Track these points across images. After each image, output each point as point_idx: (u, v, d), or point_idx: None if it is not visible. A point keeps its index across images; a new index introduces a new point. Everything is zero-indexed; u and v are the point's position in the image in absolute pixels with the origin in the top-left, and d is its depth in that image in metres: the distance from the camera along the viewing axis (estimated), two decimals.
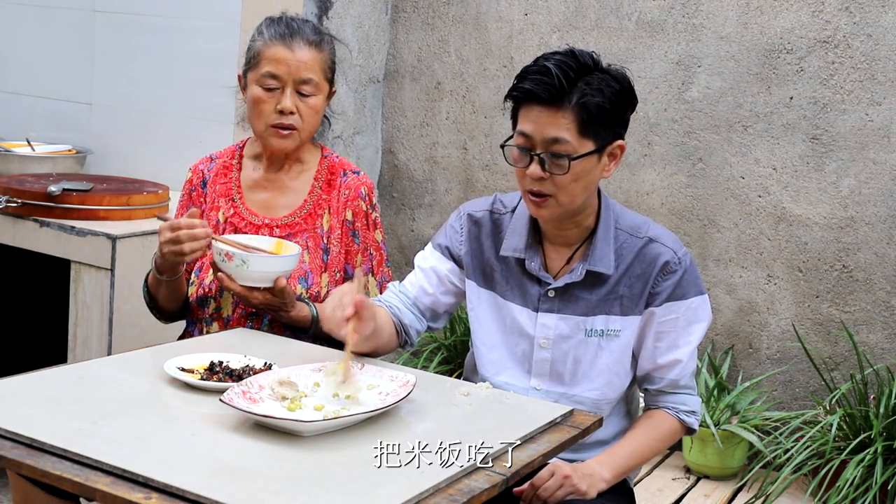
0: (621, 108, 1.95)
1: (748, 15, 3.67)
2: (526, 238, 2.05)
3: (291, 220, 2.37)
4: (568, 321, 2.03)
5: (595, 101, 1.89)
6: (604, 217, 2.03)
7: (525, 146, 1.93)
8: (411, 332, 2.13)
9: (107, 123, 4.20)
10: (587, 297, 2.02)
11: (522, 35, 4.04)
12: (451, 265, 2.14)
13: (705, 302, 2.04)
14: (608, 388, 2.04)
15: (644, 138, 3.86)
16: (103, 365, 1.96)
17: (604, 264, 1.99)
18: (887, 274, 3.55)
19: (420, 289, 2.15)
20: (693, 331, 2.03)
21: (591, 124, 1.90)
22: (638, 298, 2.01)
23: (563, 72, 1.88)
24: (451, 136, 4.23)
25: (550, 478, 1.84)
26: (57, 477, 1.43)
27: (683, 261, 2.01)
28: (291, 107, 2.30)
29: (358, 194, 2.38)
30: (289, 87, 2.30)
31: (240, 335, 2.15)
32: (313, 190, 2.40)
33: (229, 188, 2.42)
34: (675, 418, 2.05)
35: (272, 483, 1.43)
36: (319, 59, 2.33)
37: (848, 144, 3.57)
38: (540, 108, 1.90)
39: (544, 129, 1.90)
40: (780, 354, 3.73)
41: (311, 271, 2.34)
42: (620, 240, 2.02)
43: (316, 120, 2.36)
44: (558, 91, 1.88)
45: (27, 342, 3.68)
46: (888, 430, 3.21)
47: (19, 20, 4.35)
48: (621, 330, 2.02)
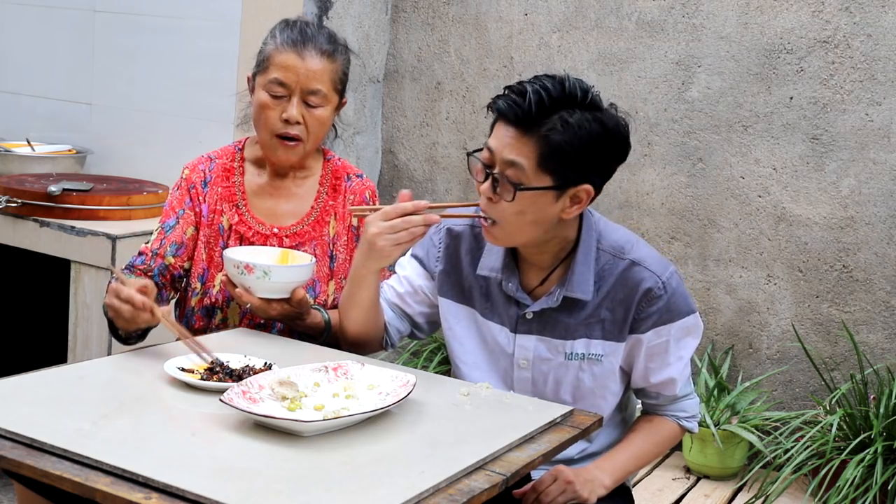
0: (594, 152, 1.82)
1: (748, 15, 3.67)
2: (503, 258, 1.98)
3: (300, 229, 2.32)
4: (547, 343, 1.96)
5: (560, 138, 1.78)
6: (584, 239, 1.93)
7: (486, 161, 1.86)
8: (391, 331, 2.11)
9: (107, 123, 4.20)
10: (566, 321, 1.94)
11: (522, 35, 4.04)
12: (425, 278, 2.10)
13: (696, 318, 1.96)
14: (593, 409, 1.95)
15: (644, 138, 3.86)
16: (103, 365, 1.96)
17: (582, 290, 1.91)
18: (887, 274, 3.55)
19: (395, 293, 2.13)
20: (683, 345, 1.96)
21: (550, 160, 1.80)
22: (621, 323, 1.93)
23: (539, 98, 1.78)
24: (451, 136, 4.23)
25: (553, 482, 1.84)
26: (57, 477, 1.42)
27: (668, 285, 1.91)
28: (297, 116, 2.22)
29: (363, 199, 2.35)
30: (296, 96, 2.22)
31: (240, 335, 2.14)
32: (319, 196, 2.35)
33: (232, 193, 2.33)
34: (674, 423, 2.04)
35: (272, 483, 1.43)
36: (331, 69, 2.26)
37: (848, 144, 3.57)
38: (507, 128, 1.82)
39: (505, 149, 1.82)
40: (780, 354, 3.73)
41: (319, 280, 2.30)
42: (602, 261, 1.93)
43: (322, 132, 2.29)
44: (526, 116, 1.79)
45: (27, 342, 3.68)
46: (888, 430, 3.21)
47: (19, 20, 4.35)
48: (604, 355, 1.95)
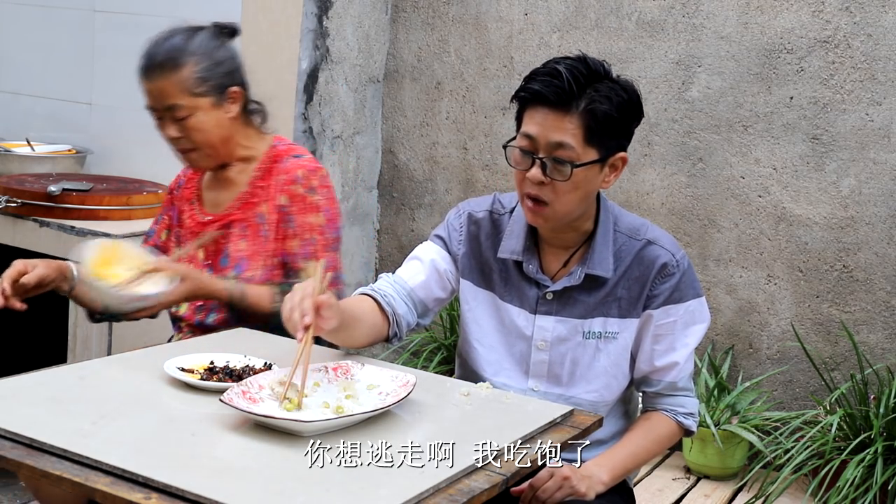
0: (628, 119, 1.92)
1: (748, 15, 3.67)
2: (524, 240, 2.03)
3: (226, 213, 2.39)
4: (566, 324, 2.02)
5: (603, 108, 1.86)
6: (603, 220, 2.00)
7: (528, 149, 1.90)
8: (402, 324, 2.06)
9: (107, 123, 4.20)
10: (585, 300, 2.00)
11: (522, 35, 4.04)
12: (449, 262, 2.11)
13: (703, 305, 2.03)
14: (606, 390, 2.03)
15: (644, 138, 3.86)
16: (103, 365, 1.96)
17: (602, 268, 1.98)
18: (887, 274, 3.55)
19: (418, 280, 2.09)
20: (690, 333, 2.02)
21: (597, 132, 1.87)
22: (636, 301, 2.00)
23: (573, 76, 1.84)
24: (451, 136, 4.22)
25: (549, 479, 1.84)
26: (57, 477, 1.43)
27: (681, 263, 1.99)
28: (174, 134, 2.31)
29: (293, 178, 2.34)
30: (165, 118, 2.30)
31: (240, 335, 2.15)
32: (252, 180, 2.39)
33: (192, 192, 2.48)
34: (672, 421, 2.05)
35: (272, 483, 1.43)
36: (176, 80, 2.27)
37: (848, 144, 3.57)
38: (546, 111, 1.87)
39: (549, 132, 1.86)
40: (780, 354, 3.73)
41: (248, 258, 2.34)
42: (619, 242, 2.00)
43: (209, 135, 2.32)
44: (567, 94, 1.84)
45: (27, 342, 3.68)
46: (888, 430, 3.21)
47: (19, 20, 4.35)
48: (619, 332, 2.01)
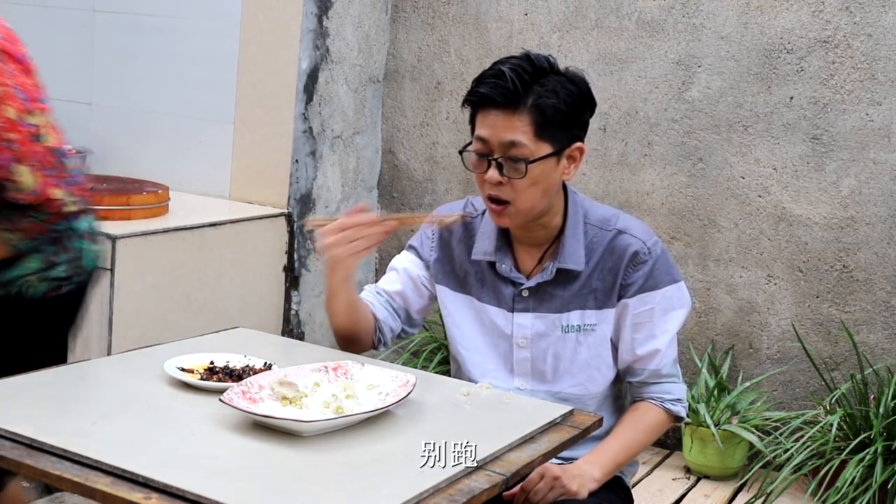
0: (578, 110, 1.94)
1: (748, 15, 3.67)
2: (495, 241, 2.06)
3: None
4: (543, 319, 2.04)
5: (550, 102, 1.89)
6: (571, 214, 2.03)
7: (482, 151, 1.93)
8: (385, 329, 2.14)
9: (107, 123, 4.20)
10: (560, 294, 2.02)
11: (522, 35, 4.04)
12: (422, 268, 2.17)
13: (681, 290, 2.04)
14: (590, 382, 2.05)
15: (644, 138, 3.86)
16: (103, 365, 1.97)
17: (573, 261, 2.00)
18: (887, 274, 3.55)
19: (395, 289, 2.18)
20: (669, 319, 2.03)
21: (547, 127, 1.90)
22: (610, 291, 2.01)
23: (517, 75, 1.88)
24: (451, 136, 4.23)
25: (540, 480, 1.85)
26: (57, 477, 1.43)
27: (654, 251, 2.01)
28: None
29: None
30: None
31: (240, 335, 2.15)
32: None
33: None
34: (660, 408, 2.05)
35: (272, 483, 1.43)
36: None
37: (848, 144, 3.57)
38: (496, 112, 1.90)
39: (500, 132, 1.90)
40: (780, 354, 3.73)
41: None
42: (590, 234, 2.02)
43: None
44: (513, 93, 1.88)
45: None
46: (888, 430, 3.21)
47: (19, 20, 4.33)
48: (597, 324, 2.03)
